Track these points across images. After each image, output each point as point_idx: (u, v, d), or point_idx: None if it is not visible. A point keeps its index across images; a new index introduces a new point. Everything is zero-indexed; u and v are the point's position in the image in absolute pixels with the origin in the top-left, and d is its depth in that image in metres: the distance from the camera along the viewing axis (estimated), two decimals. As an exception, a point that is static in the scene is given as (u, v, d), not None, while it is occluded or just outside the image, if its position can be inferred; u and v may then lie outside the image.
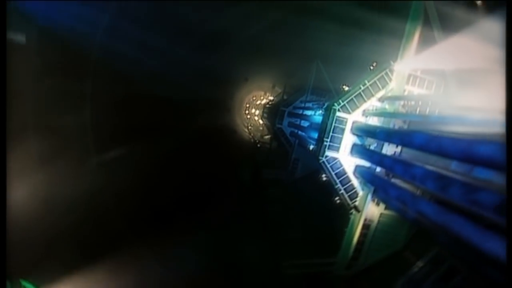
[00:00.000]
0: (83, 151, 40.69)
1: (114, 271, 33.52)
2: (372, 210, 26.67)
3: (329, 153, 26.18)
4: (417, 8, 23.54)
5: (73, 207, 34.97)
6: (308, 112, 43.13)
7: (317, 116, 38.57)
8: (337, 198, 28.07)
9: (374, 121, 24.67)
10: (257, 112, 75.99)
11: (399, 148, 23.55)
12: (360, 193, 26.17)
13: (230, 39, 47.89)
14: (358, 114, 25.82)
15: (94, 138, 40.91)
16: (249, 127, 75.07)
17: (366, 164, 24.79)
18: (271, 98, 71.08)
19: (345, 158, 25.85)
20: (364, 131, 24.41)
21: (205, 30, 46.41)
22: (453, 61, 20.11)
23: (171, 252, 37.62)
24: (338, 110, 25.40)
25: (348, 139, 25.62)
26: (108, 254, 34.18)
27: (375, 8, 34.40)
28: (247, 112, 76.97)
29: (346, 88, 29.48)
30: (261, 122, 74.89)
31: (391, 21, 32.08)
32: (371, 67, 31.93)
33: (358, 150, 25.17)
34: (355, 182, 25.97)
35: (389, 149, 23.81)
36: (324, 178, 27.33)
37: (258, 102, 77.01)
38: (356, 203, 26.70)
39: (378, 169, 23.06)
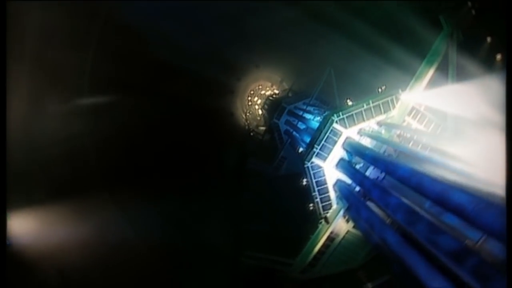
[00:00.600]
0: (76, 92, 40.04)
1: (78, 212, 33.59)
2: (340, 225, 27.33)
3: (316, 161, 26.48)
4: (439, 46, 23.75)
5: (53, 143, 34.65)
6: (308, 116, 43.23)
7: (314, 121, 38.72)
8: (311, 204, 28.59)
9: (366, 142, 25.03)
10: (259, 101, 75.57)
11: (383, 174, 24.15)
12: (334, 206, 26.71)
13: (251, 28, 47.41)
14: (353, 131, 26.09)
15: (89, 82, 40.23)
16: (247, 114, 74.76)
17: (348, 180, 25.23)
18: (276, 91, 70.75)
19: (329, 169, 26.22)
20: (354, 149, 24.74)
21: (230, 16, 45.93)
22: (457, 107, 20.44)
23: (137, 209, 37.86)
24: (336, 122, 25.61)
25: (337, 152, 25.93)
26: (76, 195, 34.31)
27: (399, 35, 34.47)
28: (249, 98, 76.48)
29: (350, 103, 29.52)
30: (260, 112, 74.68)
31: (411, 51, 32.31)
32: (380, 90, 32.16)
33: (344, 165, 25.56)
34: (332, 194, 26.46)
35: (373, 173, 24.28)
36: (304, 183, 27.71)
37: (263, 92, 76.55)
38: (328, 215, 27.28)
39: (357, 188, 23.57)
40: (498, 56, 19.29)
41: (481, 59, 20.56)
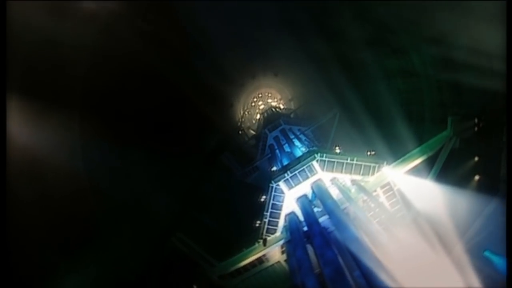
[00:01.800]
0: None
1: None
2: (274, 253, 27.65)
3: (282, 185, 26.78)
4: (436, 143, 24.33)
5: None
6: (296, 142, 43.75)
7: (299, 150, 39.22)
8: (258, 222, 28.79)
9: (333, 192, 25.51)
10: (262, 106, 75.84)
11: (334, 227, 24.63)
12: (277, 233, 26.98)
13: (291, 40, 48.16)
14: (328, 176, 26.52)
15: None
16: (246, 112, 74.83)
17: (300, 217, 25.55)
18: (281, 106, 71.32)
19: (289, 199, 26.56)
20: (320, 193, 25.15)
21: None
22: (423, 203, 21.15)
23: (98, 142, 36.70)
24: (316, 160, 26.06)
25: (304, 188, 26.32)
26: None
27: (410, 115, 35.53)
28: (255, 99, 76.60)
29: (337, 150, 30.18)
30: (257, 117, 74.87)
31: (413, 132, 33.47)
32: (368, 153, 33.01)
33: (304, 202, 25.91)
34: (281, 222, 26.75)
35: (326, 222, 24.71)
36: (262, 199, 27.91)
37: (269, 100, 76.91)
38: (268, 238, 27.53)
39: (305, 228, 23.90)
40: (477, 177, 20.38)
41: (463, 172, 21.64)
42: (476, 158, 18.48)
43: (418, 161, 24.49)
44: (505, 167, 16.78)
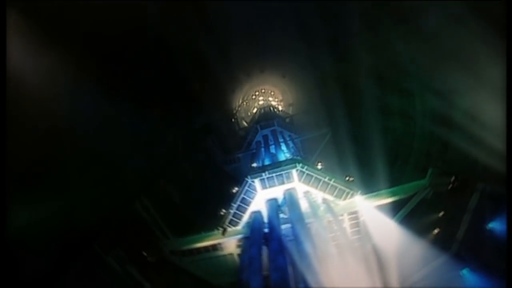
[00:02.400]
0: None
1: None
2: (230, 244, 27.88)
3: (257, 183, 27.05)
4: (410, 188, 24.51)
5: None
6: (283, 146, 44.04)
7: (283, 154, 39.47)
8: (224, 211, 28.98)
9: (303, 204, 25.74)
10: (261, 102, 75.69)
11: (293, 237, 25.08)
12: (239, 227, 27.29)
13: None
14: (302, 188, 26.59)
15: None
16: (244, 103, 74.42)
17: (265, 218, 25.82)
18: (280, 108, 71.41)
19: (260, 198, 26.87)
20: (290, 201, 25.50)
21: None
22: (385, 244, 21.68)
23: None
24: (296, 170, 26.44)
25: (277, 192, 26.37)
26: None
27: (396, 155, 36.33)
28: (256, 93, 76.22)
29: (319, 166, 30.70)
30: (254, 111, 74.65)
31: (395, 171, 34.31)
32: (347, 178, 33.72)
33: (273, 205, 26.20)
34: (245, 218, 27.01)
35: (287, 230, 25.00)
36: (234, 191, 28.08)
37: (270, 98, 76.78)
38: (229, 229, 27.82)
39: (266, 230, 24.20)
40: (436, 231, 21.31)
41: (425, 222, 22.59)
42: (441, 213, 19.31)
43: (389, 200, 25.18)
44: (464, 230, 17.77)
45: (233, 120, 65.80)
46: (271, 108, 66.36)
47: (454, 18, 19.11)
